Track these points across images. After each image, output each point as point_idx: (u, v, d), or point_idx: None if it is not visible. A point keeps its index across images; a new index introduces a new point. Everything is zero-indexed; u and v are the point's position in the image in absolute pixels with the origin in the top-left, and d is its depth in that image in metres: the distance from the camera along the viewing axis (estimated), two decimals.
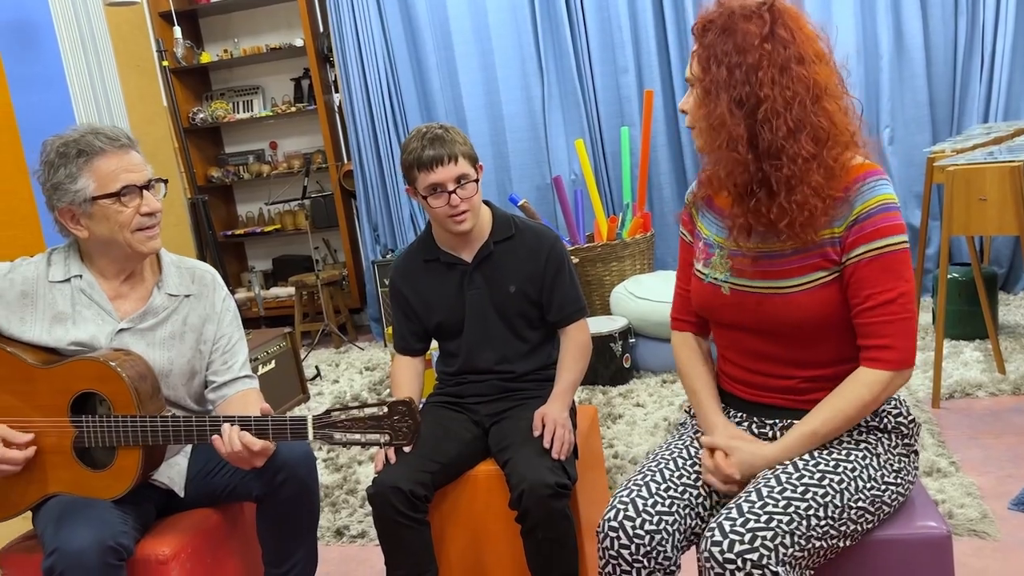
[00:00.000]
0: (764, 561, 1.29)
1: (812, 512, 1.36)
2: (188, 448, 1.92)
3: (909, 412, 1.52)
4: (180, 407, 1.86)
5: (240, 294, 5.81)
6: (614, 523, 1.45)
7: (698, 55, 1.45)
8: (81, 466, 1.72)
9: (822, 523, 1.36)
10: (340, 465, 3.27)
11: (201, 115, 5.77)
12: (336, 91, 5.55)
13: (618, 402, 3.61)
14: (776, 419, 1.53)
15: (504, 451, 1.89)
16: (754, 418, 1.57)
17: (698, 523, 1.50)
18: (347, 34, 5.14)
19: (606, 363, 3.82)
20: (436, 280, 2.05)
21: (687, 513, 1.49)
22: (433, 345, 2.16)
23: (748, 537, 1.31)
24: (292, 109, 5.69)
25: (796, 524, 1.34)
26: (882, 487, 1.44)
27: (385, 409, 1.59)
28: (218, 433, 1.65)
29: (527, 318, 2.04)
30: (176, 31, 5.20)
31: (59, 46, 4.10)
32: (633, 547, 1.43)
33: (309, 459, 1.83)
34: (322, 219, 5.58)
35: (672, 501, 1.48)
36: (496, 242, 2.03)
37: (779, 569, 1.29)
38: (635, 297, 3.96)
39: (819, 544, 1.36)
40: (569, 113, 4.97)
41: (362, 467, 3.24)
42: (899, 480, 1.48)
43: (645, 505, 1.46)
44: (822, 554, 1.38)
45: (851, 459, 1.44)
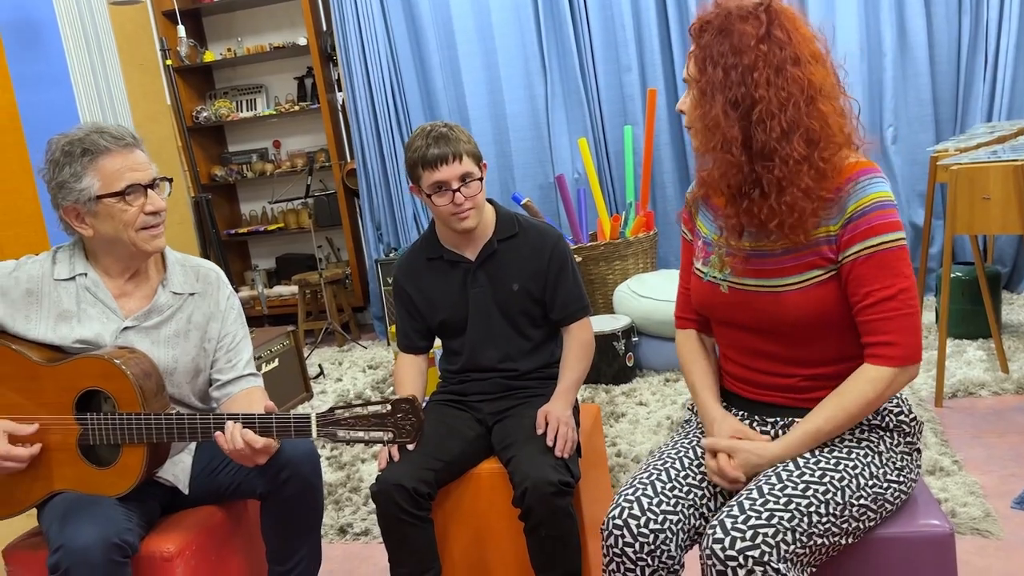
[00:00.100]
0: (765, 558, 1.29)
1: (813, 509, 1.36)
2: (192, 446, 1.92)
3: (911, 411, 1.53)
4: (184, 405, 1.87)
5: (243, 293, 5.82)
6: (618, 521, 1.45)
7: (695, 56, 1.46)
8: (86, 463, 1.73)
9: (823, 520, 1.36)
10: (343, 463, 3.27)
11: (204, 114, 5.78)
12: (339, 90, 5.55)
13: (621, 401, 3.61)
14: (777, 417, 1.54)
15: (507, 449, 1.89)
16: (755, 417, 1.57)
17: (702, 523, 1.51)
18: (350, 33, 5.14)
19: (609, 362, 3.82)
20: (440, 278, 2.05)
21: (691, 512, 1.49)
22: (436, 343, 2.16)
23: (749, 534, 1.31)
24: (295, 108, 5.69)
25: (797, 521, 1.34)
26: (884, 485, 1.44)
27: (389, 407, 1.59)
28: (221, 430, 1.66)
29: (530, 316, 2.04)
30: (180, 30, 5.20)
31: (63, 45, 4.11)
32: (637, 545, 1.43)
33: (313, 457, 1.83)
34: (325, 218, 5.59)
35: (677, 500, 1.48)
36: (500, 240, 2.03)
37: (780, 566, 1.30)
38: (638, 296, 3.96)
39: (821, 541, 1.36)
40: (572, 112, 4.97)
41: (365, 465, 3.24)
42: (901, 478, 1.48)
43: (650, 504, 1.46)
44: (824, 551, 1.38)
45: (852, 457, 1.44)
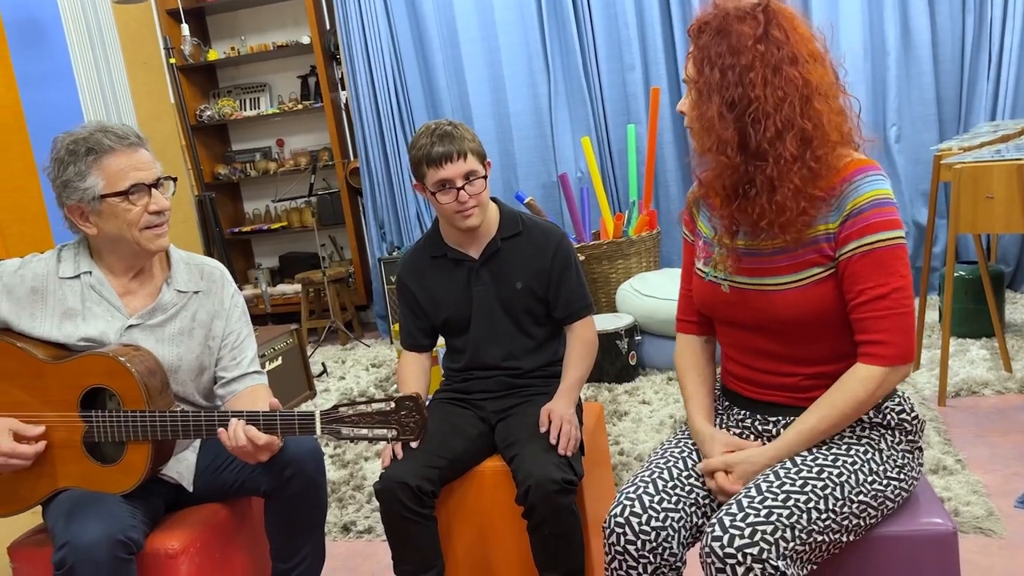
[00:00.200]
0: (764, 555, 1.29)
1: (812, 505, 1.36)
2: (197, 443, 1.93)
3: (913, 409, 1.53)
4: (189, 403, 1.87)
5: (247, 291, 5.83)
6: (620, 519, 1.46)
7: (693, 56, 1.47)
8: (91, 461, 1.73)
9: (823, 516, 1.36)
10: (347, 461, 3.28)
11: (208, 112, 5.79)
12: (343, 88, 5.56)
13: (624, 399, 3.62)
14: (779, 416, 1.54)
15: (510, 447, 1.89)
16: (757, 416, 1.57)
17: (704, 520, 1.51)
18: (354, 32, 5.14)
19: (612, 360, 3.82)
20: (443, 276, 2.06)
21: (693, 511, 1.49)
22: (440, 342, 2.17)
23: (748, 531, 1.31)
24: (299, 106, 5.70)
25: (796, 518, 1.34)
26: (884, 482, 1.45)
27: (392, 404, 1.60)
28: (226, 427, 1.67)
29: (533, 315, 2.04)
30: (183, 28, 5.21)
31: (67, 44, 4.12)
32: (639, 543, 1.44)
33: (317, 454, 1.83)
34: (328, 216, 5.60)
35: (678, 498, 1.49)
36: (503, 239, 2.03)
37: (780, 563, 1.30)
38: (641, 295, 3.96)
39: (821, 538, 1.36)
40: (575, 111, 4.98)
41: (368, 463, 3.25)
42: (902, 476, 1.48)
43: (651, 502, 1.46)
44: (825, 549, 1.38)
45: (851, 454, 1.45)
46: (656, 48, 4.78)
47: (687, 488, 1.51)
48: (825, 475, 1.40)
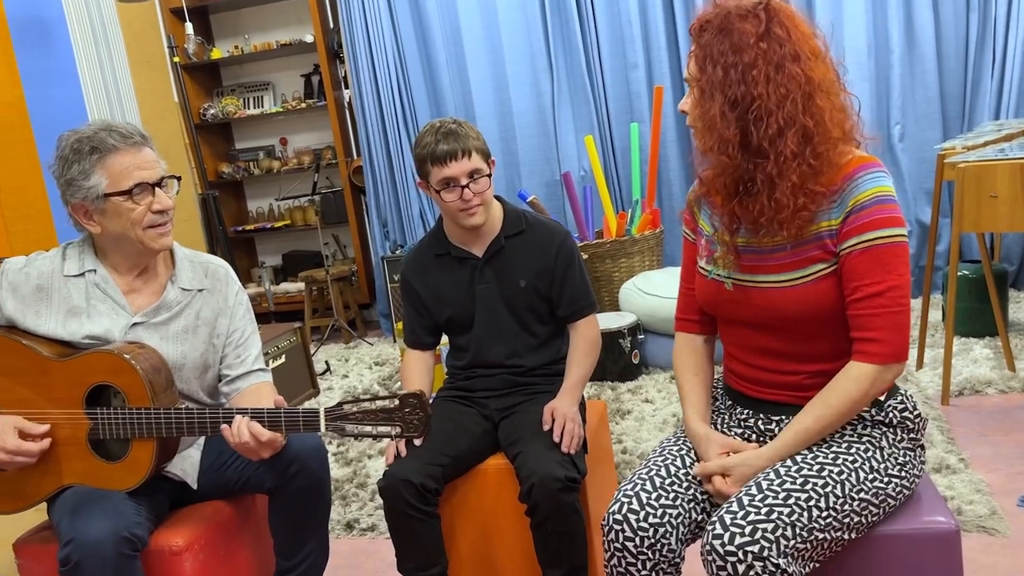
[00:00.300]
0: (765, 553, 1.30)
1: (813, 503, 1.36)
2: (201, 441, 1.94)
3: (915, 407, 1.53)
4: (193, 400, 1.88)
5: (250, 289, 5.84)
6: (618, 516, 1.46)
7: (695, 55, 1.48)
8: (96, 458, 1.74)
9: (824, 514, 1.36)
10: (350, 459, 3.29)
11: (212, 111, 5.80)
12: (346, 87, 5.56)
13: (627, 398, 3.62)
14: (782, 415, 1.54)
15: (514, 445, 1.90)
16: (760, 415, 1.57)
17: (704, 517, 1.51)
18: (357, 30, 5.15)
19: (615, 359, 3.82)
20: (447, 274, 2.06)
21: (692, 507, 1.50)
22: (443, 340, 2.17)
23: (749, 529, 1.32)
24: (302, 105, 5.70)
25: (797, 516, 1.34)
26: (885, 479, 1.45)
27: (396, 401, 1.60)
28: (229, 424, 1.67)
29: (537, 313, 2.05)
30: (187, 27, 5.22)
31: (71, 42, 4.13)
32: (638, 539, 1.44)
33: (321, 452, 1.84)
34: (332, 215, 5.61)
35: (676, 495, 1.49)
36: (507, 237, 2.03)
37: (780, 561, 1.30)
38: (644, 293, 3.96)
39: (822, 536, 1.36)
40: (579, 109, 4.97)
41: (372, 461, 3.25)
42: (904, 473, 1.48)
43: (649, 499, 1.47)
44: (826, 546, 1.38)
45: (852, 452, 1.45)
46: (659, 46, 4.78)
47: (685, 485, 1.52)
48: (826, 473, 1.40)
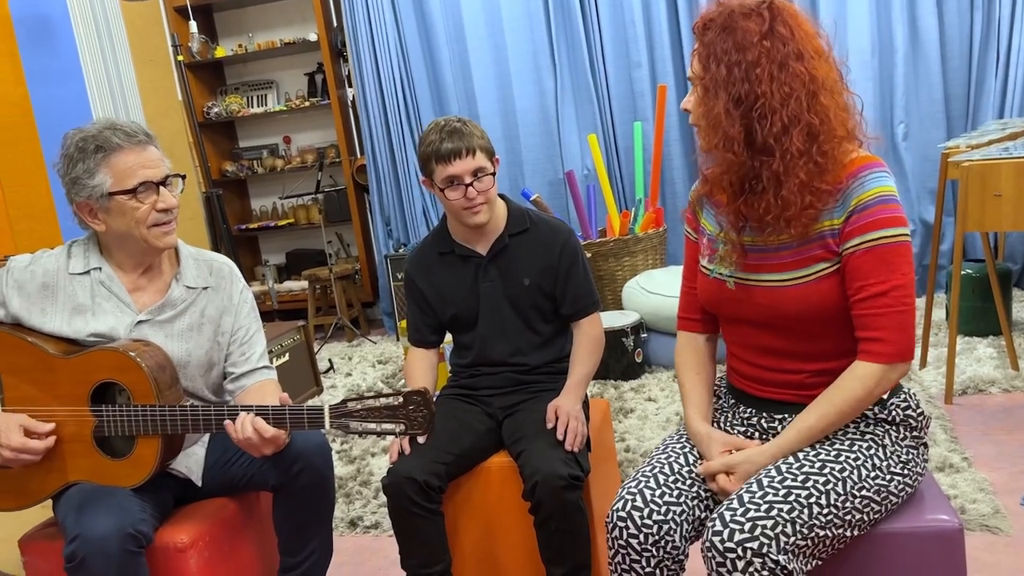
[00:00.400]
0: (764, 550, 1.30)
1: (814, 500, 1.36)
2: (206, 438, 1.94)
3: (918, 405, 1.53)
4: (198, 398, 1.88)
5: (254, 288, 5.84)
6: (622, 513, 1.46)
7: (699, 53, 1.48)
8: (101, 455, 1.74)
9: (824, 511, 1.37)
10: (354, 457, 3.29)
11: (215, 109, 5.81)
12: (349, 86, 5.57)
13: (630, 397, 3.62)
14: (785, 414, 1.54)
15: (517, 443, 1.90)
16: (763, 413, 1.58)
17: (707, 514, 1.52)
18: (361, 29, 5.15)
19: (618, 358, 3.83)
20: (451, 272, 2.06)
21: (695, 504, 1.50)
22: (447, 339, 2.18)
23: (748, 526, 1.32)
24: (306, 104, 5.71)
25: (797, 513, 1.35)
26: (887, 477, 1.45)
27: (400, 399, 1.61)
28: (233, 420, 1.68)
29: (541, 311, 2.05)
30: (191, 25, 5.23)
31: (76, 40, 4.13)
32: (641, 536, 1.44)
33: (325, 449, 1.84)
34: (335, 213, 5.61)
35: (680, 492, 1.49)
36: (511, 235, 2.04)
37: (780, 557, 1.30)
38: (647, 292, 3.97)
39: (823, 533, 1.37)
40: (582, 108, 4.97)
41: (375, 459, 3.26)
42: (906, 471, 1.48)
43: (653, 496, 1.47)
44: (828, 543, 1.39)
45: (855, 449, 1.45)
46: (663, 45, 4.77)
47: (688, 482, 1.52)
48: (827, 470, 1.41)
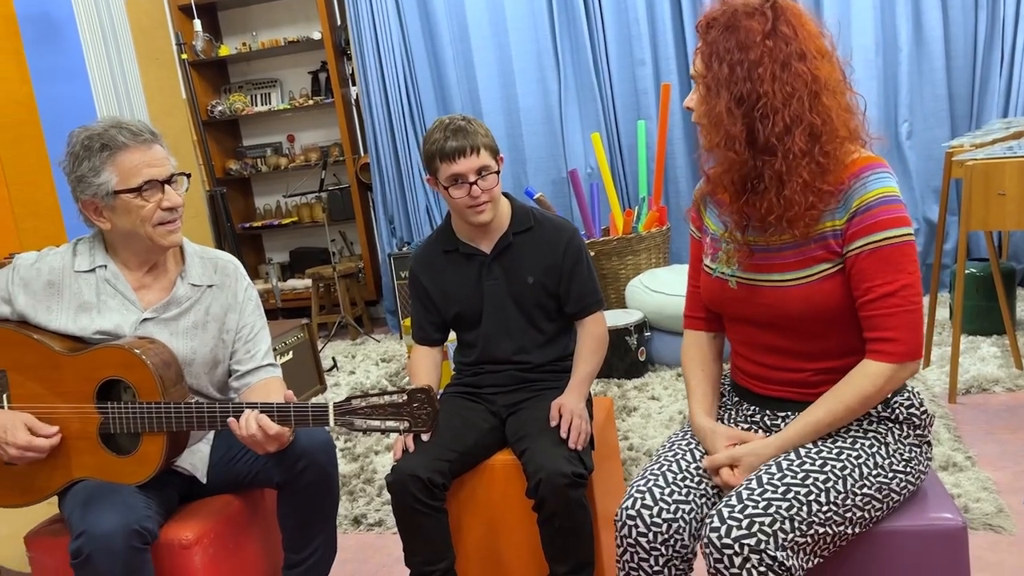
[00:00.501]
0: (762, 546, 1.30)
1: (813, 498, 1.37)
2: (211, 435, 1.95)
3: (922, 404, 1.53)
4: (203, 395, 1.89)
5: (258, 286, 5.80)
6: (631, 512, 1.47)
7: (701, 52, 1.49)
8: (106, 452, 1.75)
9: (824, 509, 1.37)
10: (357, 455, 3.30)
11: (219, 108, 5.81)
12: (353, 84, 5.57)
13: (633, 395, 3.62)
14: (788, 412, 1.54)
15: (521, 441, 1.90)
16: (766, 411, 1.58)
17: None
18: (364, 27, 5.16)
19: (621, 356, 3.83)
20: (455, 270, 2.07)
21: (703, 502, 1.50)
22: (451, 337, 2.18)
23: (746, 523, 1.32)
24: (309, 102, 5.72)
25: (796, 510, 1.35)
26: (889, 475, 1.45)
27: (405, 396, 1.61)
28: (237, 418, 1.68)
29: (544, 309, 2.05)
30: (195, 24, 5.24)
31: (80, 39, 4.14)
32: (651, 535, 1.45)
33: (329, 447, 1.85)
34: (339, 212, 5.62)
35: (689, 490, 1.50)
36: (515, 233, 2.04)
37: (779, 554, 1.31)
38: (650, 291, 3.97)
39: (823, 530, 1.37)
40: (585, 106, 4.97)
41: (379, 456, 3.26)
42: (909, 469, 1.48)
43: (662, 494, 1.47)
44: (829, 540, 1.39)
45: (857, 447, 1.45)
46: (666, 44, 4.77)
47: (696, 479, 1.52)
48: (828, 468, 1.41)
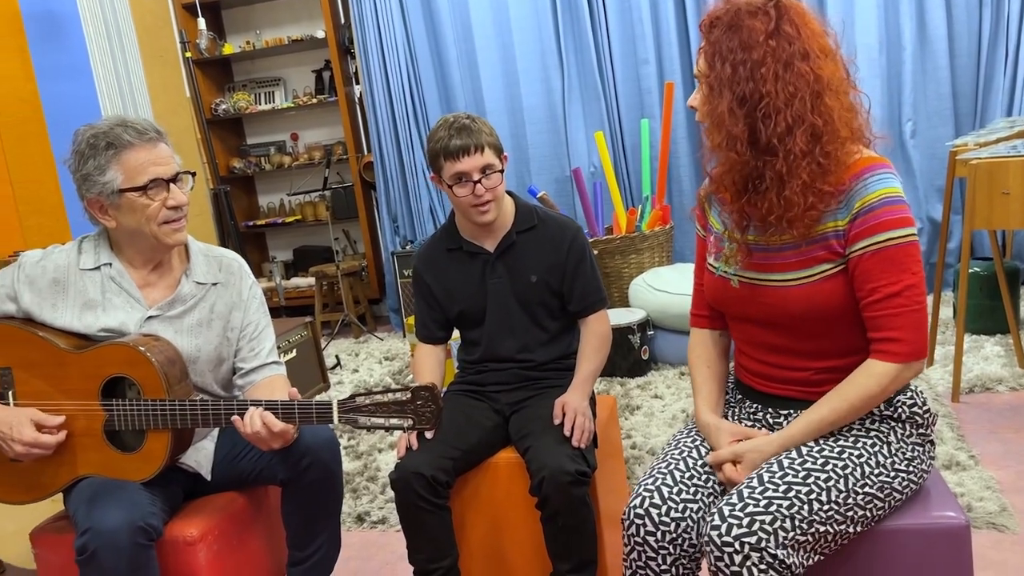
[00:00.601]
0: (763, 544, 1.30)
1: (814, 496, 1.37)
2: (215, 432, 1.95)
3: (925, 403, 1.53)
4: (207, 393, 1.89)
5: (261, 284, 5.84)
6: (640, 510, 1.47)
7: (704, 51, 1.49)
8: (111, 449, 1.76)
9: (825, 507, 1.37)
10: (361, 452, 3.31)
11: (223, 106, 5.82)
12: (357, 83, 5.57)
13: (636, 394, 3.63)
14: (791, 410, 1.55)
15: (524, 439, 1.91)
16: (769, 409, 1.58)
17: None
18: (368, 26, 5.16)
19: (624, 355, 3.83)
20: (459, 269, 2.07)
21: (711, 500, 1.51)
22: (455, 335, 2.18)
23: (746, 521, 1.33)
24: (313, 101, 5.72)
25: (797, 508, 1.35)
26: (891, 474, 1.45)
27: (409, 394, 1.61)
28: (242, 415, 1.69)
29: (548, 308, 2.06)
30: (200, 22, 5.24)
31: (85, 37, 4.15)
32: (659, 534, 1.45)
33: (333, 444, 1.85)
34: (342, 210, 5.62)
35: (696, 488, 1.50)
36: (519, 232, 2.04)
37: (779, 552, 1.31)
38: (653, 289, 3.97)
39: (824, 529, 1.37)
40: (589, 105, 4.97)
41: (383, 454, 3.27)
42: (911, 468, 1.48)
43: (670, 493, 1.48)
44: (830, 539, 1.39)
45: (859, 446, 1.46)
46: (670, 43, 4.77)
47: (703, 477, 1.53)
48: (830, 467, 1.41)
